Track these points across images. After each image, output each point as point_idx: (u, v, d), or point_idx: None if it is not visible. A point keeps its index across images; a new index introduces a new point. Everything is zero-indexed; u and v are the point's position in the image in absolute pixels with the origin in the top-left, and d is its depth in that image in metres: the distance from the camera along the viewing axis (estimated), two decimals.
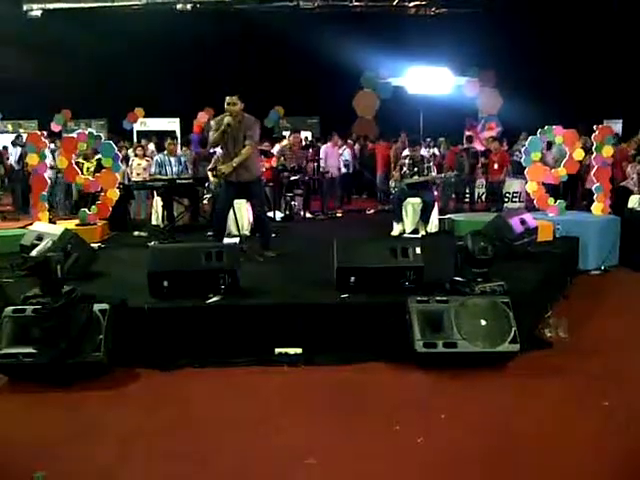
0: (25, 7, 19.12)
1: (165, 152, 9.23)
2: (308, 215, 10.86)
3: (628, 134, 14.93)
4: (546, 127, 8.58)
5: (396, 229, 8.60)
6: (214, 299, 5.03)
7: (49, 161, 9.40)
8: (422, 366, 4.60)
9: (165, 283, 5.16)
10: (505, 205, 11.90)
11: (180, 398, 4.29)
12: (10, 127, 20.56)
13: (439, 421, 3.88)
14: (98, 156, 9.29)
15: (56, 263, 4.87)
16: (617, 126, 17.78)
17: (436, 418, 3.91)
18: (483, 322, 4.66)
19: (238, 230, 7.55)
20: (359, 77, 17.12)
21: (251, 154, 6.63)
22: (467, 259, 5.24)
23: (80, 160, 9.71)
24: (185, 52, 19.50)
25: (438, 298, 4.82)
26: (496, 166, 11.75)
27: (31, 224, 7.60)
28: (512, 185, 12.37)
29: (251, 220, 8.24)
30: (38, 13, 19.27)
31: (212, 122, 6.86)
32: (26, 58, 19.35)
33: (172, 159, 9.09)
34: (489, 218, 7.17)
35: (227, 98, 6.53)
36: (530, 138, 8.81)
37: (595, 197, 8.58)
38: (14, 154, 13.86)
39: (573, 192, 12.34)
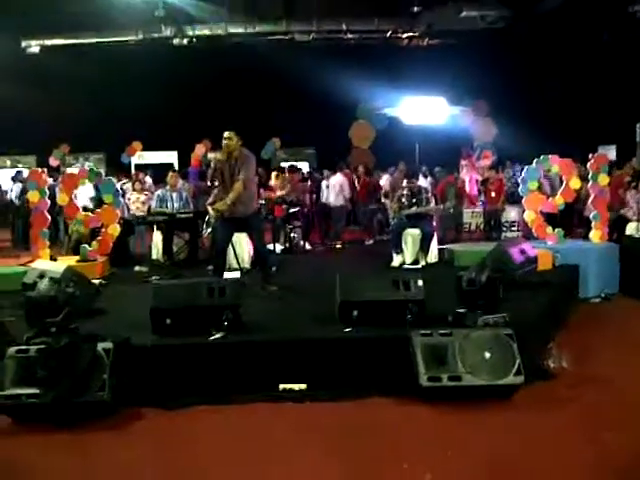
0: (23, 43, 19.37)
1: (167, 187, 9.27)
2: (308, 247, 10.89)
3: (622, 159, 15.10)
4: (542, 157, 8.66)
5: (396, 260, 8.63)
6: (217, 336, 5.03)
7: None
8: (427, 400, 4.59)
9: (168, 320, 5.16)
10: (503, 234, 11.94)
11: (185, 437, 4.27)
12: (8, 162, 20.66)
13: (446, 457, 3.86)
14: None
15: (59, 302, 4.90)
16: (611, 152, 17.96)
17: (443, 454, 3.89)
18: (487, 355, 4.66)
19: (238, 264, 7.57)
20: (354, 108, 17.35)
21: (247, 188, 6.68)
22: (468, 291, 5.27)
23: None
24: (182, 85, 19.70)
25: (441, 331, 4.82)
26: (493, 194, 11.81)
27: (32, 261, 7.61)
28: (509, 214, 12.42)
29: (252, 253, 8.27)
30: (36, 49, 19.50)
31: (211, 163, 6.95)
32: (24, 93, 19.54)
33: (174, 194, 9.14)
34: (488, 248, 7.20)
35: (225, 133, 6.61)
36: (526, 167, 8.89)
37: (593, 225, 8.63)
38: (14, 190, 13.90)
39: (570, 220, 12.39)
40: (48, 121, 19.18)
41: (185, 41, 19.26)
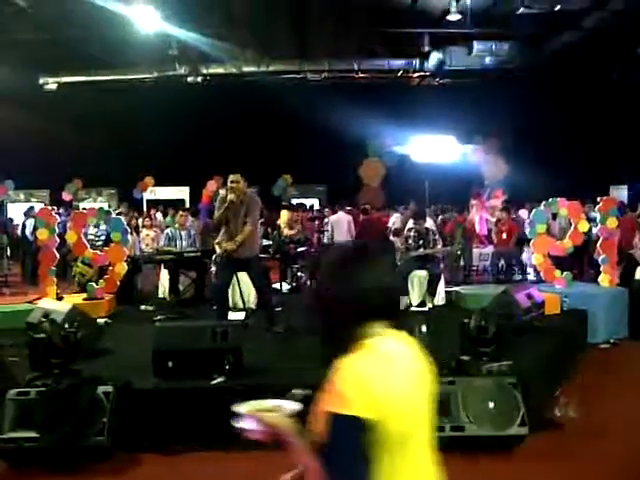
0: (41, 80, 19.71)
1: (176, 225, 9.33)
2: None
3: (634, 199, 15.05)
4: (550, 199, 8.66)
5: (403, 302, 8.58)
6: (218, 380, 4.99)
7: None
8: None
9: (170, 363, 5.14)
10: (512, 277, 11.84)
11: None
12: (22, 196, 20.88)
13: None
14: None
15: (61, 344, 4.90)
16: (622, 192, 17.93)
17: None
18: (491, 404, 4.60)
19: (244, 303, 7.56)
20: (365, 146, 17.46)
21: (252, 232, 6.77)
22: (473, 337, 5.22)
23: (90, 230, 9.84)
24: (195, 122, 19.95)
25: (444, 379, 4.76)
26: (504, 236, 11.73)
27: (39, 298, 7.64)
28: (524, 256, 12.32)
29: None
30: (54, 86, 19.84)
31: (217, 202, 7.00)
32: (40, 128, 19.87)
33: (182, 233, 9.20)
34: (496, 291, 7.15)
35: (230, 176, 6.71)
36: (534, 210, 8.87)
37: (602, 268, 8.56)
38: (27, 225, 14.00)
39: (580, 263, 12.30)
40: (62, 156, 19.45)
41: (199, 79, 19.49)
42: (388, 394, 1.60)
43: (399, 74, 19.76)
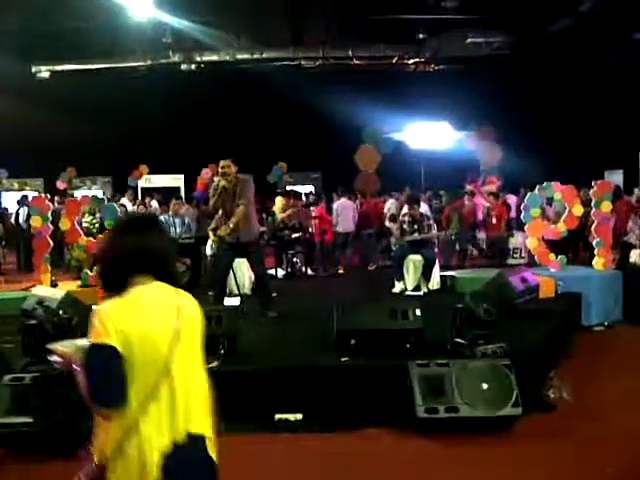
0: (34, 69, 19.59)
1: (170, 212, 9.30)
2: (310, 272, 10.87)
3: (629, 184, 15.05)
4: (545, 183, 8.65)
5: (398, 286, 8.60)
6: (213, 364, 4.99)
7: None
8: (423, 432, 4.54)
9: None
10: (508, 261, 11.87)
11: None
12: (16, 185, 20.80)
13: None
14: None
15: (55, 329, 4.89)
16: (617, 177, 17.92)
17: None
18: (484, 386, 4.61)
19: (239, 289, 7.54)
20: (361, 132, 17.39)
21: (247, 214, 6.76)
22: (467, 320, 5.23)
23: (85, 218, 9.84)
24: (189, 110, 19.87)
25: (439, 362, 4.79)
26: (494, 221, 11.76)
27: (33, 286, 7.62)
28: (517, 240, 12.35)
29: (252, 279, 8.25)
30: (46, 74, 19.72)
31: (210, 190, 6.98)
32: (33, 117, 19.76)
33: (177, 220, 9.18)
34: (491, 275, 7.15)
35: (221, 162, 6.69)
36: (529, 194, 8.87)
37: (596, 252, 8.57)
38: (21, 213, 13.98)
39: (575, 246, 12.33)
40: (56, 144, 19.36)
41: (193, 67, 19.39)
42: (134, 329, 2.06)
43: (394, 61, 19.70)
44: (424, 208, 10.79)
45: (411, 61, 19.67)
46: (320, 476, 4.06)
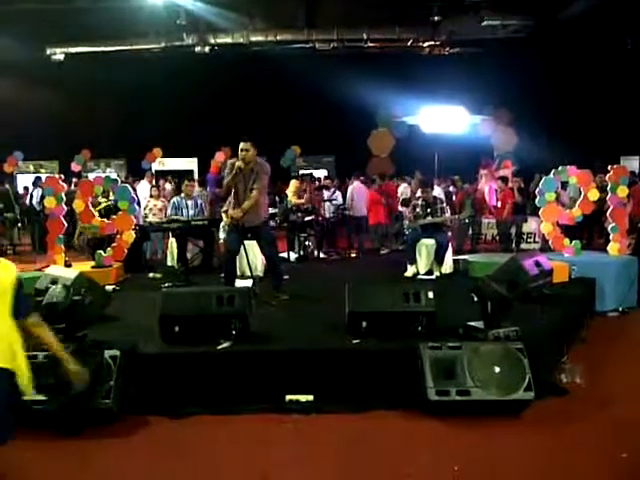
0: (48, 51, 19.61)
1: (182, 195, 9.30)
2: (322, 255, 10.86)
3: None
4: (560, 168, 8.55)
5: (410, 270, 8.56)
6: (225, 345, 5.01)
7: None
8: (434, 414, 4.53)
9: (176, 328, 5.16)
10: (520, 246, 11.78)
11: (190, 447, 4.25)
12: (32, 167, 20.89)
13: (453, 473, 3.79)
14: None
15: (68, 309, 4.91)
16: (634, 163, 17.71)
17: (449, 470, 3.82)
18: (497, 369, 4.59)
19: (251, 271, 7.54)
20: (374, 116, 17.29)
21: (259, 199, 6.72)
22: (480, 304, 5.19)
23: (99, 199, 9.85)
24: (203, 93, 19.85)
25: (451, 344, 4.76)
26: (499, 205, 11.68)
27: (47, 266, 7.65)
28: (530, 225, 12.26)
29: (264, 261, 8.24)
30: (61, 57, 19.74)
31: (226, 170, 6.94)
32: (48, 100, 19.83)
33: (189, 202, 9.15)
34: (503, 259, 7.08)
35: (241, 144, 6.63)
36: (544, 178, 8.77)
37: (611, 237, 8.48)
38: (35, 195, 14.05)
39: (590, 231, 12.22)
40: (71, 127, 19.44)
41: (207, 49, 19.34)
42: None
43: (409, 44, 19.53)
44: (437, 191, 10.73)
45: (426, 44, 19.49)
46: (331, 458, 4.06)
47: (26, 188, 16.25)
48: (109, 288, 7.31)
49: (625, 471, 3.82)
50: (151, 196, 10.68)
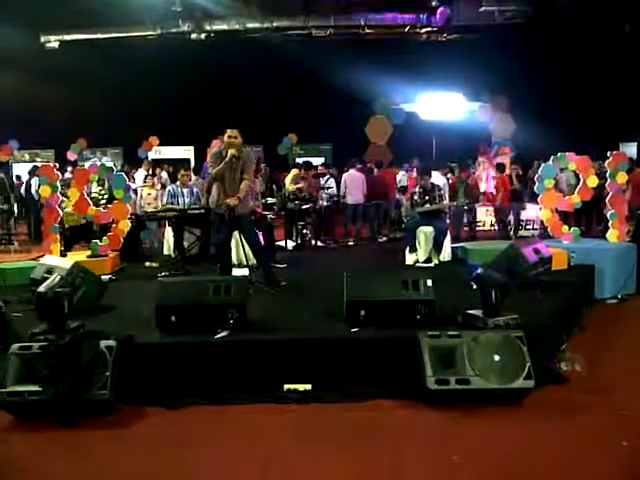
0: (42, 39, 19.46)
1: (178, 183, 9.23)
2: (320, 244, 10.81)
3: None
4: (559, 154, 8.49)
5: (410, 258, 8.52)
6: (222, 334, 4.96)
7: None
8: (434, 403, 4.49)
9: (173, 318, 5.11)
10: (518, 233, 11.75)
11: (187, 437, 4.21)
12: (27, 156, 20.79)
13: (451, 464, 3.76)
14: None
15: (63, 299, 4.86)
16: (632, 149, 17.66)
17: (448, 460, 3.79)
18: (496, 357, 4.55)
19: (247, 260, 7.48)
20: (372, 103, 17.20)
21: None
22: (480, 291, 5.15)
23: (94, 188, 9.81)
24: (199, 80, 19.70)
25: (450, 333, 4.71)
26: (494, 192, 11.64)
27: (42, 256, 7.61)
28: (530, 212, 12.22)
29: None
30: (55, 44, 19.59)
31: (210, 157, 6.83)
32: (43, 88, 19.66)
33: (185, 190, 9.08)
34: (501, 246, 7.06)
35: (228, 131, 6.51)
36: (543, 165, 8.72)
37: (610, 224, 8.44)
38: (33, 184, 13.96)
39: (588, 218, 12.19)
40: (66, 115, 19.29)
41: (203, 36, 19.22)
42: None
43: (406, 30, 19.41)
44: (438, 179, 10.67)
45: (423, 30, 19.37)
46: (329, 447, 4.03)
47: (18, 177, 16.16)
48: (105, 278, 7.26)
49: (625, 459, 3.79)
50: (145, 185, 10.61)
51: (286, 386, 4.77)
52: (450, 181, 12.88)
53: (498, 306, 5.07)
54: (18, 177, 16.15)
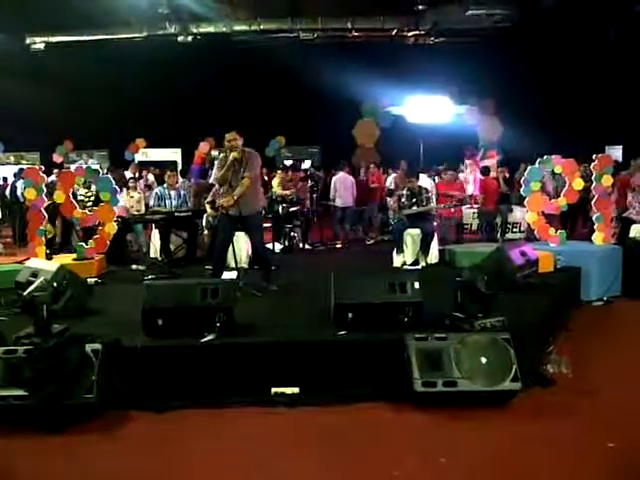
0: (28, 40, 19.33)
1: (165, 185, 9.19)
2: (307, 246, 10.80)
3: (629, 160, 14.92)
4: (545, 157, 8.54)
5: (397, 260, 8.54)
6: (209, 337, 4.94)
7: None
8: (421, 406, 4.49)
9: (160, 321, 5.08)
10: (505, 235, 11.80)
11: (173, 442, 4.18)
12: (12, 159, 20.63)
13: (439, 465, 3.77)
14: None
15: (48, 302, 4.83)
16: (617, 152, 17.78)
17: (436, 462, 3.79)
18: (483, 360, 4.56)
19: (236, 263, 7.47)
20: (359, 106, 17.24)
21: (251, 187, 6.66)
22: (467, 294, 5.16)
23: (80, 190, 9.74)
24: (186, 83, 19.63)
25: (437, 335, 4.73)
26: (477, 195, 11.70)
27: (27, 259, 7.54)
28: (515, 214, 12.27)
29: (250, 253, 8.18)
30: (41, 46, 19.46)
31: (216, 161, 6.91)
32: (28, 90, 19.50)
33: (172, 192, 9.05)
34: (489, 249, 7.09)
35: (226, 136, 6.61)
36: (529, 168, 8.76)
37: (596, 227, 8.50)
38: (19, 187, 13.82)
39: (574, 221, 12.25)
40: (52, 118, 19.15)
41: (189, 38, 19.15)
42: None
43: (394, 33, 19.45)
44: (426, 182, 10.69)
45: (410, 33, 19.41)
46: (316, 450, 4.02)
47: (4, 179, 16.03)
48: (91, 281, 7.22)
49: (611, 461, 3.80)
50: (128, 187, 10.55)
51: (274, 389, 4.76)
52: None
53: (485, 308, 5.09)
54: (4, 179, 16.00)
